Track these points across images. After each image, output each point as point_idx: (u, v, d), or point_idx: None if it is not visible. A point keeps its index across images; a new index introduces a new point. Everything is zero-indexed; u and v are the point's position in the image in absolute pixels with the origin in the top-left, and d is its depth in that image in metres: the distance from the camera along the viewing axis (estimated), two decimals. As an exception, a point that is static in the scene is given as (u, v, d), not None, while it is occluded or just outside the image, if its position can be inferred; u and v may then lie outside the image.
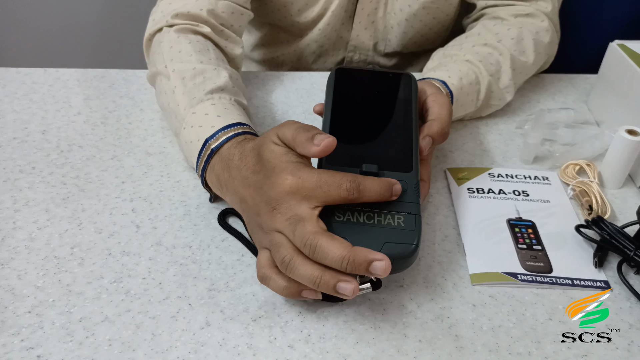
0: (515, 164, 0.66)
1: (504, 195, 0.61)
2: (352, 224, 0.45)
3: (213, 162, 0.54)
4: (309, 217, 0.43)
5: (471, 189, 0.61)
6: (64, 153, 0.67)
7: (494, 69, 0.70)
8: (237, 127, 0.55)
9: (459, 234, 0.57)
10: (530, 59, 0.74)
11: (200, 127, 0.56)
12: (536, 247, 0.54)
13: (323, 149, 0.44)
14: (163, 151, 0.67)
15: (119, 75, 0.82)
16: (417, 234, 0.45)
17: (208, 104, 0.58)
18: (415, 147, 0.51)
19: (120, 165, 0.65)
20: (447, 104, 0.57)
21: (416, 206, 0.47)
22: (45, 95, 0.77)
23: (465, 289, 0.51)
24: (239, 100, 0.62)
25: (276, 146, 0.46)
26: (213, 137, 0.54)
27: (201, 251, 0.54)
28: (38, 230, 0.56)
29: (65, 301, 0.49)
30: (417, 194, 0.48)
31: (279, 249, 0.44)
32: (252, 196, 0.48)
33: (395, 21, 0.86)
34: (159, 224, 0.57)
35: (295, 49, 0.93)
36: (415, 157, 0.50)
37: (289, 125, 0.46)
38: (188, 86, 0.61)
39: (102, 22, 1.75)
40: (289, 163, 0.45)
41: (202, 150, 0.55)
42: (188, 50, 0.64)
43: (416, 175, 0.49)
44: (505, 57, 0.71)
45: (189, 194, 0.61)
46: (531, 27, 0.75)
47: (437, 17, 0.86)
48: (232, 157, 0.51)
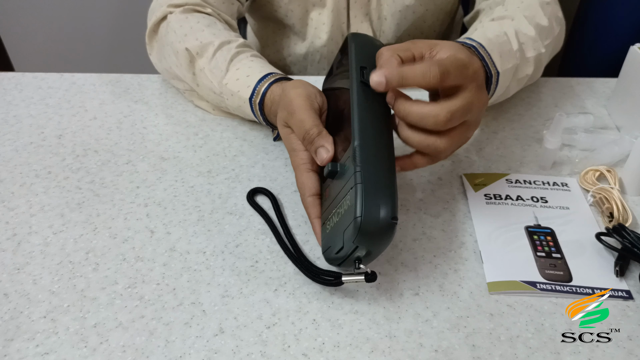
0: (533, 170, 0.65)
1: (521, 201, 0.60)
2: (332, 231, 0.48)
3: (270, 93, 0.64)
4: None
5: (488, 195, 0.60)
6: (79, 158, 0.67)
7: (514, 28, 0.66)
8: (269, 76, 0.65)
9: (475, 241, 0.56)
10: (544, 21, 0.70)
11: (248, 76, 0.66)
12: (555, 255, 0.53)
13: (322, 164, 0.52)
14: (177, 156, 0.67)
15: (133, 80, 0.82)
16: (356, 206, 0.43)
17: (247, 60, 0.68)
18: (355, 112, 0.48)
19: (134, 170, 0.65)
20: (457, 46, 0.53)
21: (355, 176, 0.44)
22: (60, 100, 0.77)
23: (482, 297, 0.50)
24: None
25: (285, 128, 0.57)
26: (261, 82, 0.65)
27: (215, 257, 0.54)
28: (53, 235, 0.56)
29: (79, 306, 0.49)
30: (358, 159, 0.45)
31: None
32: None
33: (388, 12, 0.86)
34: (173, 229, 0.57)
35: (299, 50, 0.93)
36: (354, 124, 0.47)
37: (298, 126, 0.54)
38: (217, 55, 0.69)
39: (116, 28, 1.77)
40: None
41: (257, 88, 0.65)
42: (199, 27, 0.71)
43: (355, 140, 0.46)
44: (519, 20, 0.68)
45: (202, 199, 0.61)
46: (534, 1, 0.72)
47: (430, 9, 0.86)
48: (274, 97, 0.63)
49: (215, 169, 0.65)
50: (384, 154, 0.46)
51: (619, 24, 1.06)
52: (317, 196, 0.53)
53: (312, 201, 0.53)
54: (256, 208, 0.60)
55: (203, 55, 0.69)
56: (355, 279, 0.48)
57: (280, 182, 0.64)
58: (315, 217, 0.52)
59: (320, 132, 0.52)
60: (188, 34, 0.70)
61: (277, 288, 0.51)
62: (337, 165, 0.48)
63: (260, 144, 0.70)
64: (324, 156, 0.51)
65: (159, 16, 0.74)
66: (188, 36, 0.70)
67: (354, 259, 0.46)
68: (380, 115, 0.49)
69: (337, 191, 0.48)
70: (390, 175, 0.45)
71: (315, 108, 0.55)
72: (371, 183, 0.44)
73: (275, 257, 0.54)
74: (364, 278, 0.47)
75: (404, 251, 0.55)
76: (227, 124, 0.73)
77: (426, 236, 0.57)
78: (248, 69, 0.67)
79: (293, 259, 0.53)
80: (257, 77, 0.65)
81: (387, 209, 0.43)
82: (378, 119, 0.48)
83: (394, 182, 0.45)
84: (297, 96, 0.55)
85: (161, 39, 0.74)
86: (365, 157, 0.45)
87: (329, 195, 0.50)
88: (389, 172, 0.45)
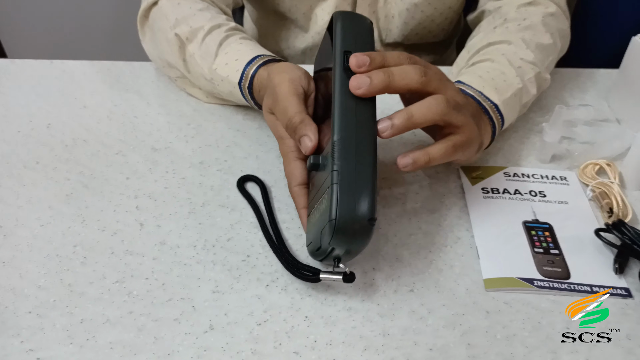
0: (532, 163, 0.64)
1: (519, 195, 0.59)
2: (313, 227, 0.47)
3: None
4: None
5: (485, 189, 0.59)
6: (69, 148, 0.65)
7: (509, 56, 0.64)
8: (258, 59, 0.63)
9: (472, 236, 0.55)
10: (544, 39, 0.68)
11: (237, 60, 0.64)
12: (553, 252, 0.52)
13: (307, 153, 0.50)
14: (169, 146, 0.66)
15: (126, 68, 0.80)
16: (331, 207, 0.41)
17: (236, 43, 0.66)
18: (336, 102, 0.45)
19: (125, 161, 0.64)
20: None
21: (332, 175, 0.42)
22: (50, 88, 0.75)
23: (479, 294, 0.49)
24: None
25: (270, 115, 0.56)
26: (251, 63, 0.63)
27: (206, 251, 0.53)
28: (40, 228, 0.55)
29: (66, 302, 0.48)
30: (335, 156, 0.42)
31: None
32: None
33: (396, 10, 0.84)
34: (163, 222, 0.56)
35: (299, 43, 0.91)
36: (335, 116, 0.44)
37: (282, 114, 0.53)
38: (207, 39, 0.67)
39: (116, 14, 1.74)
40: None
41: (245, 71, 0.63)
42: (191, 12, 0.69)
43: (334, 134, 0.43)
44: (517, 44, 0.66)
45: (194, 191, 0.60)
46: (536, 14, 0.70)
47: (439, 8, 0.84)
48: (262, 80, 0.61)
49: (207, 161, 0.64)
50: (365, 149, 0.43)
51: (621, 14, 1.04)
52: (304, 185, 0.52)
53: (298, 191, 0.52)
54: (246, 196, 0.59)
55: (193, 41, 0.68)
56: (333, 277, 0.47)
57: (274, 174, 0.62)
58: (302, 208, 0.51)
59: (302, 120, 0.50)
60: (179, 20, 0.69)
61: (268, 284, 0.50)
62: (319, 158, 0.46)
63: (254, 134, 0.68)
64: (308, 145, 0.49)
65: (149, 1, 0.72)
66: (179, 21, 0.68)
67: (333, 257, 0.45)
68: (364, 106, 0.45)
69: (319, 184, 0.47)
70: (371, 172, 0.42)
71: (299, 93, 0.53)
72: (348, 183, 0.42)
73: (267, 252, 0.53)
74: (341, 278, 0.46)
75: (398, 246, 0.54)
76: (221, 113, 0.72)
77: (422, 231, 0.55)
78: (237, 52, 0.65)
79: (275, 250, 0.52)
80: (245, 60, 0.63)
81: (364, 210, 0.41)
82: (361, 110, 0.45)
83: (374, 180, 0.43)
84: (280, 82, 0.54)
85: (152, 25, 0.72)
86: (344, 153, 0.43)
87: (314, 186, 0.49)
88: (369, 169, 0.42)
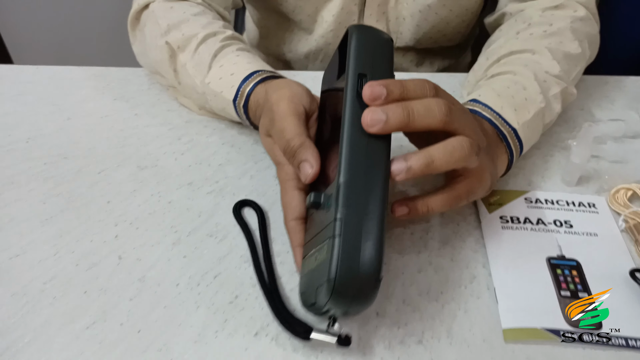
0: (556, 185, 0.58)
1: (543, 226, 0.52)
2: (308, 276, 0.41)
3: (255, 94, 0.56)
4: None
5: (504, 218, 0.53)
6: (48, 165, 0.60)
7: (533, 68, 0.58)
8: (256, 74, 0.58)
9: (489, 274, 0.48)
10: (572, 48, 0.61)
11: (232, 74, 0.58)
12: (582, 295, 0.46)
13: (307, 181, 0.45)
14: (157, 164, 0.60)
15: (117, 74, 0.75)
16: (331, 264, 0.35)
17: (232, 55, 0.60)
18: (345, 135, 0.38)
19: (108, 182, 0.58)
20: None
21: (334, 225, 0.36)
22: (34, 97, 0.70)
23: (498, 347, 0.43)
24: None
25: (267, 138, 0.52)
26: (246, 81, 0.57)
27: (189, 290, 0.47)
28: (9, 261, 0.50)
29: (28, 353, 0.43)
30: (341, 202, 0.36)
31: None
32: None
33: (408, 12, 0.77)
34: (145, 254, 0.51)
35: (303, 47, 0.85)
36: (343, 152, 0.38)
37: (279, 135, 0.47)
38: (201, 48, 0.61)
39: (118, 16, 1.69)
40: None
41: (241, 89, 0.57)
42: (185, 17, 0.63)
43: (340, 174, 0.37)
44: (542, 53, 0.59)
45: (181, 218, 0.54)
46: (563, 18, 0.63)
47: (455, 10, 0.77)
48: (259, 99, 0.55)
49: (197, 181, 0.58)
50: (374, 196, 0.37)
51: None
52: (301, 220, 0.46)
53: (295, 226, 0.46)
54: (242, 225, 0.53)
55: (185, 49, 0.62)
56: (326, 339, 0.41)
57: (270, 197, 0.56)
58: (298, 245, 0.45)
59: (302, 143, 0.44)
60: (171, 25, 0.63)
61: (258, 331, 0.44)
62: (322, 196, 0.40)
63: (249, 150, 0.62)
64: (308, 172, 0.43)
65: (141, 4, 0.67)
66: (171, 28, 0.63)
67: (329, 316, 0.39)
68: (377, 143, 0.39)
69: (319, 225, 0.40)
70: (380, 225, 0.36)
71: (300, 112, 0.47)
72: (352, 236, 0.35)
73: (258, 292, 0.47)
74: (335, 341, 0.41)
75: (406, 285, 0.48)
76: (215, 126, 0.66)
77: (433, 267, 0.49)
78: (233, 65, 0.59)
79: (265, 292, 0.46)
80: (241, 76, 0.57)
81: (369, 270, 0.35)
82: (373, 148, 0.38)
83: (383, 233, 0.36)
84: (279, 99, 0.48)
85: (143, 29, 0.67)
86: (350, 200, 0.36)
87: (313, 223, 0.43)
88: (378, 221, 0.36)
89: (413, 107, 0.39)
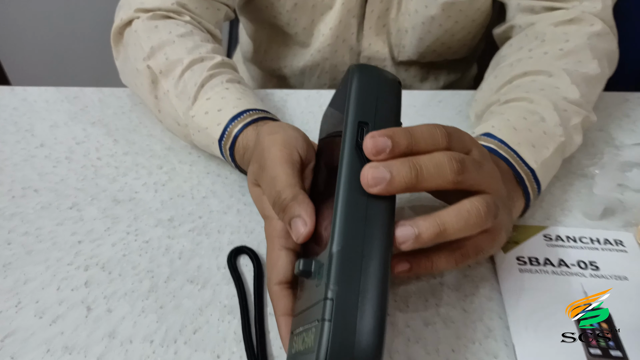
0: (577, 219, 0.52)
1: (565, 268, 0.46)
2: (295, 358, 0.34)
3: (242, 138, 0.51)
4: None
5: (522, 259, 0.47)
6: (16, 200, 0.54)
7: (551, 95, 0.52)
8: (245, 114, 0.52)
9: (507, 327, 0.43)
10: (592, 68, 0.55)
11: (220, 110, 0.52)
12: (615, 354, 0.40)
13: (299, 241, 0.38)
14: (134, 197, 0.55)
15: (94, 96, 0.69)
16: (319, 355, 0.29)
17: (221, 88, 0.54)
18: (340, 195, 0.32)
19: (79, 218, 0.52)
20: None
21: (324, 306, 0.30)
22: (5, 122, 0.64)
23: (518, 419, 0.37)
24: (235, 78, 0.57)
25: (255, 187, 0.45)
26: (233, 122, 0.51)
27: (165, 348, 0.42)
28: (-38, 314, 0.44)
29: None
30: (332, 277, 0.30)
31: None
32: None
33: (410, 24, 0.71)
34: (116, 304, 0.45)
35: (298, 61, 0.79)
36: (337, 215, 0.32)
37: (269, 185, 0.40)
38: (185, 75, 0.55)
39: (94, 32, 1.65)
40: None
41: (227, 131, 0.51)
42: (170, 38, 0.57)
43: (333, 242, 0.31)
44: (559, 76, 0.54)
45: (158, 260, 0.48)
46: (580, 34, 0.57)
47: (461, 21, 0.71)
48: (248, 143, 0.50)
49: (178, 216, 0.53)
50: (375, 270, 0.30)
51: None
52: (287, 285, 0.39)
53: (279, 292, 0.39)
54: (236, 278, 0.46)
55: (168, 76, 0.56)
56: None
57: (259, 234, 0.51)
58: (282, 315, 0.38)
59: (295, 196, 0.38)
60: (155, 48, 0.57)
61: (241, 401, 0.38)
62: (312, 264, 0.33)
63: (236, 181, 0.57)
64: (300, 230, 0.37)
65: (124, 19, 0.61)
66: (154, 50, 0.57)
67: None
68: (378, 205, 0.33)
69: (309, 300, 0.34)
70: (380, 306, 0.30)
71: (294, 160, 0.41)
72: (346, 322, 0.29)
73: (243, 350, 0.41)
74: None
75: (412, 342, 0.42)
76: (199, 153, 0.60)
77: (441, 318, 0.43)
78: (221, 100, 0.53)
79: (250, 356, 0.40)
80: (229, 114, 0.51)
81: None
82: (373, 211, 0.32)
83: (384, 316, 0.30)
84: (271, 144, 0.42)
85: (126, 48, 0.61)
86: (345, 274, 0.30)
87: (304, 294, 0.36)
88: (378, 301, 0.30)
89: (421, 164, 0.33)
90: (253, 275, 0.47)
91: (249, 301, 0.45)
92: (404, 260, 0.38)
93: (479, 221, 0.35)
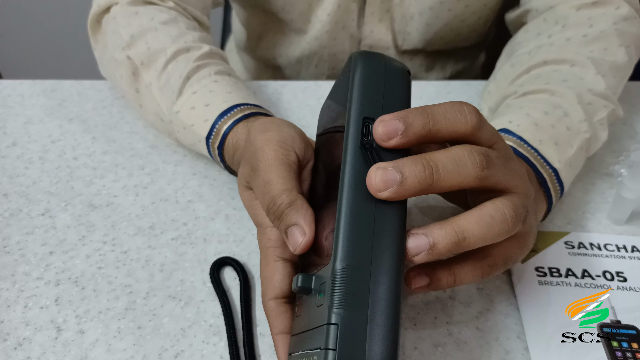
0: (602, 224, 0.47)
1: (590, 280, 0.42)
2: None
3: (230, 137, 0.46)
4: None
5: (541, 270, 0.42)
6: (-18, 205, 0.49)
7: (575, 86, 0.47)
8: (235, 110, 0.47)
9: (526, 348, 0.38)
10: (619, 56, 0.50)
11: (207, 105, 0.47)
12: (650, 381, 0.35)
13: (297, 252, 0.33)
14: (112, 202, 0.50)
15: (72, 89, 0.64)
16: None
17: (209, 80, 0.49)
18: (344, 203, 0.28)
19: (51, 225, 0.48)
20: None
21: (326, 333, 0.25)
22: (-25, 119, 0.59)
23: None
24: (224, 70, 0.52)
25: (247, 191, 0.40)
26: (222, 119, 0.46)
27: (142, 377, 0.37)
28: None
29: None
30: (336, 298, 0.26)
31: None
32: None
33: (416, 9, 0.66)
34: (89, 325, 0.40)
35: (294, 50, 0.74)
36: (340, 226, 0.27)
37: (263, 190, 0.35)
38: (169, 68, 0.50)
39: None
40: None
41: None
42: (152, 25, 0.52)
43: (336, 258, 0.27)
44: (584, 65, 0.49)
45: (137, 274, 0.43)
46: (605, 18, 0.52)
47: (472, 5, 0.66)
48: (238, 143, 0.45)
49: (160, 223, 0.48)
50: (386, 288, 0.26)
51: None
52: (284, 300, 0.35)
53: (275, 308, 0.35)
54: (220, 293, 0.42)
55: (150, 67, 0.51)
56: None
57: (250, 244, 0.46)
58: (279, 333, 0.34)
59: (292, 202, 0.33)
60: (135, 36, 0.52)
61: None
62: (312, 280, 0.29)
63: (225, 182, 0.52)
64: (298, 240, 0.32)
65: (102, 5, 0.55)
66: (135, 39, 0.52)
67: None
68: (388, 213, 0.28)
69: (309, 320, 0.29)
70: (392, 330, 0.25)
71: (291, 162, 0.36)
72: (354, 349, 0.25)
73: (229, 379, 0.37)
74: None
75: (420, 367, 0.37)
76: (184, 152, 0.55)
77: (453, 339, 0.39)
78: (209, 93, 0.48)
79: None
80: (218, 110, 0.46)
81: None
82: (382, 220, 0.27)
83: (397, 342, 0.26)
84: (265, 144, 0.37)
85: (104, 36, 0.56)
86: (350, 295, 0.26)
87: (303, 312, 0.32)
88: (389, 325, 0.25)
89: (437, 161, 0.28)
90: (239, 290, 0.42)
91: (236, 320, 0.40)
92: (422, 274, 0.33)
93: (504, 227, 0.30)
